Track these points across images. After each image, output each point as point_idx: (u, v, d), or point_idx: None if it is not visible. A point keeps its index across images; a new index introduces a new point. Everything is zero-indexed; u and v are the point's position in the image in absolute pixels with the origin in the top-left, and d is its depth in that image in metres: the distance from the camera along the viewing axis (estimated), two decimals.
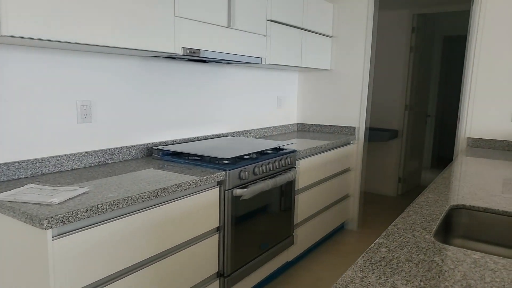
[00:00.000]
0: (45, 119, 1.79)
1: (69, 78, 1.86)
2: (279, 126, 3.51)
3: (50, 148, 1.82)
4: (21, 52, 1.67)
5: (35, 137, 1.76)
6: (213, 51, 2.19)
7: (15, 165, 1.69)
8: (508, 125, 2.86)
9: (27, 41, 1.51)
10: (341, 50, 3.51)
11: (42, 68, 1.75)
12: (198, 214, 1.83)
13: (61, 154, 1.86)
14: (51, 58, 1.78)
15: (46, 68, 1.77)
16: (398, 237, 1.14)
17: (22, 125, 1.71)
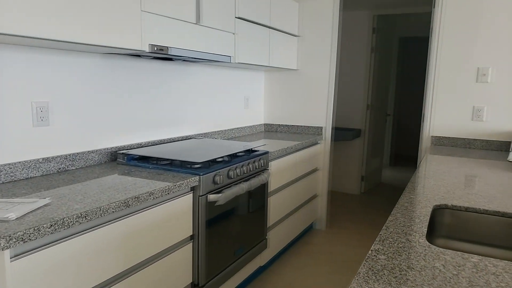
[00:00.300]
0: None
1: (22, 77, 1.68)
2: (246, 127, 3.43)
3: (1, 154, 1.63)
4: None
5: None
6: (182, 48, 2.07)
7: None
8: (469, 123, 2.95)
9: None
10: (307, 49, 3.48)
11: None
12: (170, 222, 1.71)
13: (15, 162, 1.67)
14: (1, 55, 1.59)
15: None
16: (393, 242, 1.10)
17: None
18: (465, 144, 2.97)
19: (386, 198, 4.68)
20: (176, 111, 2.61)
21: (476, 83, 2.89)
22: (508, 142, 2.84)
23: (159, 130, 2.47)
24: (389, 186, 5.31)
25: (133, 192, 1.52)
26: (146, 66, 2.32)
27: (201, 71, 2.82)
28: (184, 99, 2.67)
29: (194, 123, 2.80)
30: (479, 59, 2.86)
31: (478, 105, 2.90)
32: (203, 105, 2.87)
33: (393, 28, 5.26)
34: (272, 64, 3.06)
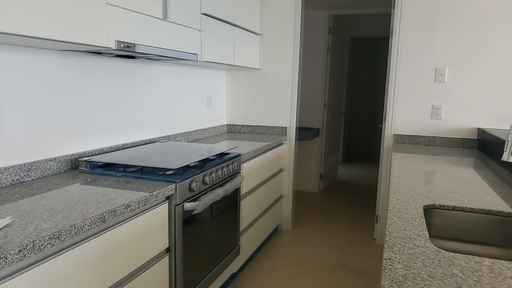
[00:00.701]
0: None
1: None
2: (210, 128, 3.31)
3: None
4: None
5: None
6: (149, 45, 1.92)
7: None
8: (429, 121, 3.05)
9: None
10: (269, 48, 3.43)
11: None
12: (146, 236, 1.56)
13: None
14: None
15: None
16: (402, 249, 1.05)
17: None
18: (425, 141, 3.07)
19: (344, 195, 4.77)
20: (139, 113, 2.43)
21: (435, 83, 2.99)
22: (464, 138, 2.97)
23: (121, 134, 2.28)
24: (345, 183, 5.41)
25: (108, 205, 1.36)
26: (107, 65, 2.13)
27: (163, 70, 2.66)
28: (146, 100, 2.50)
29: (157, 125, 2.63)
30: (437, 60, 2.97)
31: (437, 104, 3.01)
32: (166, 106, 2.71)
33: (346, 28, 5.37)
34: (237, 63, 2.97)
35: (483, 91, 2.89)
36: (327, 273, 2.76)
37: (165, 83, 2.69)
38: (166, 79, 2.70)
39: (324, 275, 2.73)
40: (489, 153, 2.61)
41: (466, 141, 2.97)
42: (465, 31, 2.87)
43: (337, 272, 2.78)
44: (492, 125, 2.91)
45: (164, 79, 2.67)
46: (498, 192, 1.67)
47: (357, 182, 5.45)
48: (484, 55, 2.86)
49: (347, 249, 3.19)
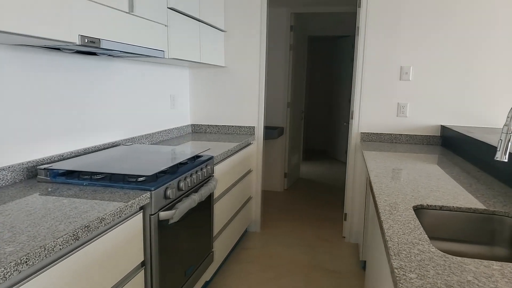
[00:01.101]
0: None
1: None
2: (174, 129, 3.16)
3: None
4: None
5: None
6: (115, 41, 1.76)
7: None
8: (395, 119, 3.10)
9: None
10: (234, 46, 3.33)
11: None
12: (120, 251, 1.42)
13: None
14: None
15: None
16: (410, 256, 1.01)
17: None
18: (391, 139, 3.11)
19: (308, 194, 4.77)
20: (100, 115, 2.25)
21: (400, 81, 3.04)
22: (428, 136, 3.04)
23: (82, 137, 2.09)
24: (307, 181, 5.43)
25: (80, 220, 1.21)
26: (65, 62, 1.94)
27: (125, 67, 2.49)
28: (108, 100, 2.32)
29: (120, 127, 2.45)
30: (402, 58, 3.01)
31: (402, 102, 3.06)
32: (128, 106, 2.54)
33: (304, 26, 5.38)
34: (203, 60, 2.84)
35: (445, 89, 2.98)
36: (302, 275, 2.72)
37: (127, 82, 2.51)
38: (128, 77, 2.53)
39: (299, 277, 2.68)
40: (453, 149, 2.69)
41: (430, 138, 3.04)
42: (428, 31, 2.94)
43: (313, 273, 2.75)
44: (453, 122, 3.00)
45: (126, 78, 2.50)
46: (475, 189, 1.69)
47: (318, 180, 5.49)
48: (446, 54, 2.94)
49: (318, 248, 3.17)
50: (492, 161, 1.97)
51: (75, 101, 2.02)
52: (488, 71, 2.89)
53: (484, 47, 2.87)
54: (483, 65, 2.89)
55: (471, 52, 2.90)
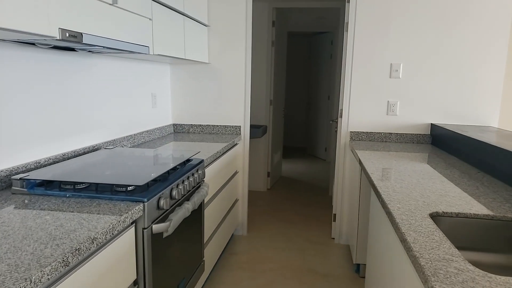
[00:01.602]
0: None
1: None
2: (156, 129, 2.98)
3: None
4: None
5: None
6: (98, 35, 1.59)
7: None
8: (384, 118, 3.04)
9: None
10: (218, 41, 3.18)
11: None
12: (111, 272, 1.27)
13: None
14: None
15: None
16: (449, 276, 0.91)
17: None
18: (381, 138, 3.05)
19: (291, 193, 4.69)
20: (78, 116, 2.06)
21: (390, 79, 2.98)
22: (419, 134, 3.00)
23: (59, 141, 1.90)
24: (289, 179, 5.35)
25: (68, 241, 1.05)
26: (41, 58, 1.74)
27: (105, 64, 2.30)
28: (87, 100, 2.13)
29: (100, 129, 2.27)
30: (392, 55, 2.95)
31: (392, 100, 3.00)
32: (108, 106, 2.35)
33: (285, 22, 5.27)
34: (188, 57, 2.68)
35: (435, 87, 2.94)
36: (295, 280, 2.62)
37: (107, 80, 2.32)
38: (108, 75, 2.34)
39: (293, 283, 2.58)
40: (445, 148, 2.65)
41: (420, 136, 3.00)
42: (419, 28, 2.88)
43: (305, 278, 2.65)
44: (443, 121, 2.97)
45: (105, 75, 2.31)
46: (483, 193, 1.63)
47: (300, 178, 5.42)
48: (436, 52, 2.89)
49: (308, 251, 3.08)
50: (492, 162, 1.93)
51: (52, 102, 1.83)
52: (478, 70, 2.87)
53: (475, 45, 2.85)
54: (473, 64, 2.87)
55: (461, 50, 2.87)
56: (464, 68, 2.88)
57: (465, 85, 2.90)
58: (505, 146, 1.87)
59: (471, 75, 2.89)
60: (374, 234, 1.92)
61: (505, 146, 1.85)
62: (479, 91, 2.89)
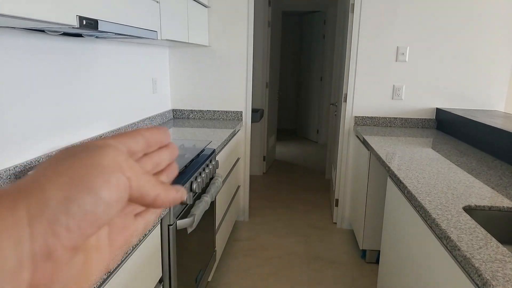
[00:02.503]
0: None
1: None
2: (157, 115, 2.88)
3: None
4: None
5: None
6: (111, 22, 1.48)
7: None
8: (390, 102, 3.01)
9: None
10: (219, 23, 3.06)
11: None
12: (140, 272, 1.21)
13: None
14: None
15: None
16: (509, 279, 0.89)
17: None
18: (386, 122, 3.03)
19: (288, 177, 4.67)
20: (85, 104, 1.96)
21: (396, 62, 2.94)
22: (424, 119, 2.99)
23: (69, 132, 1.81)
24: (284, 162, 5.33)
25: None
26: (49, 45, 1.63)
27: (109, 50, 2.18)
28: (93, 87, 2.03)
29: (104, 117, 2.17)
30: (399, 38, 2.90)
31: (398, 84, 2.97)
32: (111, 93, 2.25)
33: (279, 1, 5.14)
34: (191, 40, 2.58)
35: (441, 71, 2.91)
36: (302, 267, 2.62)
37: (110, 66, 2.21)
38: (112, 60, 2.22)
39: (300, 270, 2.58)
40: (452, 133, 2.65)
41: (425, 121, 2.99)
42: (426, 10, 2.83)
43: (312, 265, 2.66)
44: (448, 105, 2.97)
45: (109, 61, 2.19)
46: (509, 184, 1.63)
47: (294, 162, 5.41)
48: (443, 36, 2.86)
49: (311, 236, 3.08)
50: (509, 149, 1.93)
51: (61, 90, 1.72)
52: (485, 53, 2.86)
53: (483, 29, 2.82)
54: (481, 47, 2.85)
55: (469, 33, 2.84)
56: (471, 52, 2.86)
57: (472, 69, 2.89)
58: None
59: (478, 58, 2.87)
60: (391, 222, 1.91)
61: None
62: (486, 75, 2.89)
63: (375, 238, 2.61)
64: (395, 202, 1.84)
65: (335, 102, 3.84)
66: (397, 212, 1.79)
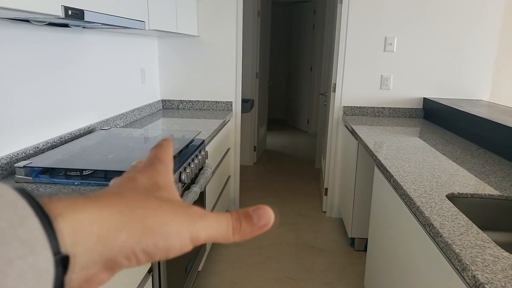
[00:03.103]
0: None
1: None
2: (146, 106, 2.87)
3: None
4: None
5: None
6: (97, 12, 1.47)
7: None
8: (378, 92, 3.04)
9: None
10: (208, 13, 3.04)
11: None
12: None
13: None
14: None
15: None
16: (487, 264, 0.93)
17: None
18: (374, 112, 3.06)
19: (278, 166, 4.70)
20: (73, 95, 1.95)
21: (384, 52, 2.96)
22: (411, 108, 3.02)
23: (55, 123, 1.80)
24: (274, 152, 5.36)
25: None
26: (35, 35, 1.61)
27: (96, 40, 2.16)
28: (81, 77, 2.01)
29: (92, 108, 2.16)
30: (387, 29, 2.92)
31: (386, 74, 3.00)
32: (100, 83, 2.23)
33: None
34: (180, 30, 2.56)
35: (428, 61, 2.94)
36: (291, 255, 2.66)
37: (98, 56, 2.19)
38: (99, 51, 2.21)
39: (289, 259, 2.62)
40: (438, 122, 2.69)
41: (413, 110, 3.03)
42: (413, 1, 2.85)
43: (301, 253, 2.70)
44: (434, 95, 3.00)
45: (97, 51, 2.18)
46: (490, 172, 1.67)
47: (285, 151, 5.44)
48: (430, 25, 2.88)
49: (301, 225, 3.12)
50: (492, 138, 1.97)
51: (47, 81, 1.71)
52: (471, 43, 2.89)
53: (469, 19, 2.85)
54: (466, 37, 2.88)
55: (455, 24, 2.86)
56: (458, 43, 2.89)
57: (458, 59, 2.92)
58: (508, 122, 1.90)
59: (464, 49, 2.90)
60: (378, 210, 1.94)
61: (508, 123, 1.88)
62: (472, 65, 2.92)
63: (363, 226, 2.66)
64: (382, 191, 1.87)
65: (324, 92, 3.86)
66: (384, 201, 1.82)
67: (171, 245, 0.26)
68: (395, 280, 1.61)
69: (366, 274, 2.16)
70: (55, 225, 0.21)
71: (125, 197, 0.26)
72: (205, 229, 0.27)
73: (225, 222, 0.29)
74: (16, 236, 0.19)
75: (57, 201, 0.22)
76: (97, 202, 0.24)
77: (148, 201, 0.26)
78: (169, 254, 0.26)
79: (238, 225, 0.29)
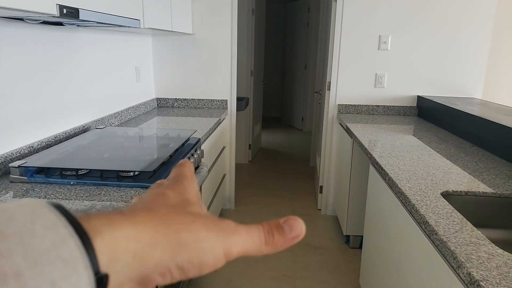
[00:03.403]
0: None
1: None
2: (140, 104, 2.86)
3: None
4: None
5: None
6: (92, 10, 1.46)
7: None
8: (372, 90, 3.05)
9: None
10: (203, 10, 3.04)
11: None
12: None
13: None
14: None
15: None
16: (482, 262, 0.94)
17: None
18: (368, 110, 3.08)
19: (273, 164, 4.71)
20: (67, 94, 1.93)
21: (378, 51, 2.97)
22: (405, 106, 3.04)
23: (50, 122, 1.79)
24: (269, 150, 5.36)
25: None
26: (29, 34, 1.60)
27: (91, 38, 2.15)
28: (75, 76, 2.00)
29: (87, 106, 2.15)
30: (381, 27, 2.93)
31: (380, 72, 3.01)
32: (95, 82, 2.22)
33: None
34: (174, 29, 2.55)
35: (422, 59, 2.96)
36: (287, 253, 2.67)
37: (93, 55, 2.18)
38: (94, 49, 2.20)
39: (285, 257, 2.63)
40: (433, 120, 2.71)
41: (407, 108, 3.05)
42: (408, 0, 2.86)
43: (297, 251, 2.71)
44: (429, 93, 3.02)
45: (91, 50, 2.17)
46: (484, 169, 1.68)
47: (279, 150, 5.44)
48: (423, 25, 2.90)
49: None
50: (486, 136, 1.99)
51: (41, 79, 1.70)
52: (464, 42, 2.91)
53: (462, 18, 2.87)
54: (459, 36, 2.90)
55: (448, 22, 2.88)
56: (451, 41, 2.91)
57: (452, 57, 2.94)
58: (501, 121, 1.92)
59: (457, 48, 2.92)
60: (373, 208, 1.96)
61: (501, 121, 1.90)
62: (465, 63, 2.94)
63: (358, 224, 2.67)
64: (377, 189, 1.88)
65: (319, 90, 3.87)
66: (379, 198, 1.84)
67: (205, 260, 0.26)
68: (390, 277, 1.62)
69: (361, 272, 2.17)
70: (94, 243, 0.21)
71: (159, 213, 0.26)
72: (238, 243, 0.27)
73: (257, 235, 0.28)
74: (59, 256, 0.19)
75: (94, 218, 0.22)
76: (133, 218, 0.24)
77: (181, 216, 0.26)
78: (203, 270, 0.26)
79: (270, 238, 0.29)
